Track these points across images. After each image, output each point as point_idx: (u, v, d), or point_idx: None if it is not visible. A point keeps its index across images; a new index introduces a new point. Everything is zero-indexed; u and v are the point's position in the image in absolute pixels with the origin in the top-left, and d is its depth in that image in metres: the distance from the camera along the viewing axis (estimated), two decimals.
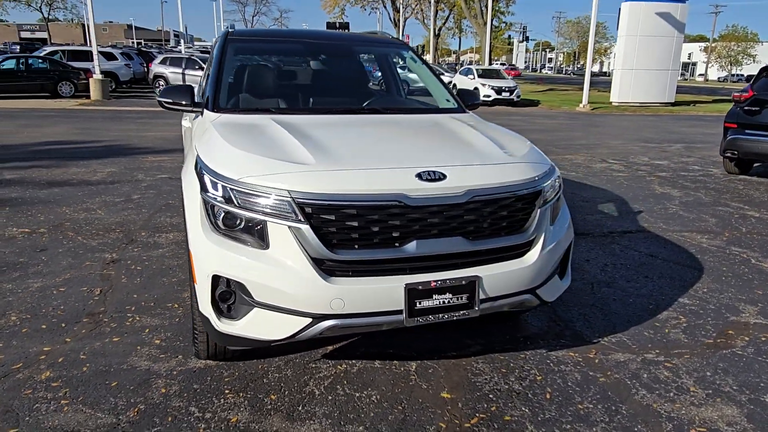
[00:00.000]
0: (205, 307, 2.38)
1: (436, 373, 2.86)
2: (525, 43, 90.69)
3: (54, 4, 57.53)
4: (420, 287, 2.31)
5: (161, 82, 22.05)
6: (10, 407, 2.49)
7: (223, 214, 2.33)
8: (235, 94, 3.44)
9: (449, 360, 2.99)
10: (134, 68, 23.81)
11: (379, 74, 4.41)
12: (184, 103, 3.27)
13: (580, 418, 2.53)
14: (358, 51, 4.19)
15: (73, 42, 55.78)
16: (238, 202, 2.29)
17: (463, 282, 2.38)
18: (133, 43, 79.19)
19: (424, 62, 4.03)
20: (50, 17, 62.41)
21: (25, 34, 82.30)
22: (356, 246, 2.28)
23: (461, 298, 2.39)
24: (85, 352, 2.96)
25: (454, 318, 2.41)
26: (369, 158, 2.49)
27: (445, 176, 2.39)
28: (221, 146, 2.57)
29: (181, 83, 21.31)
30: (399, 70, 4.47)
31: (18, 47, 41.13)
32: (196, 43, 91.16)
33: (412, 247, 2.32)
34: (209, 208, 2.37)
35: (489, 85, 21.85)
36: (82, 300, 3.60)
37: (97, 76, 19.78)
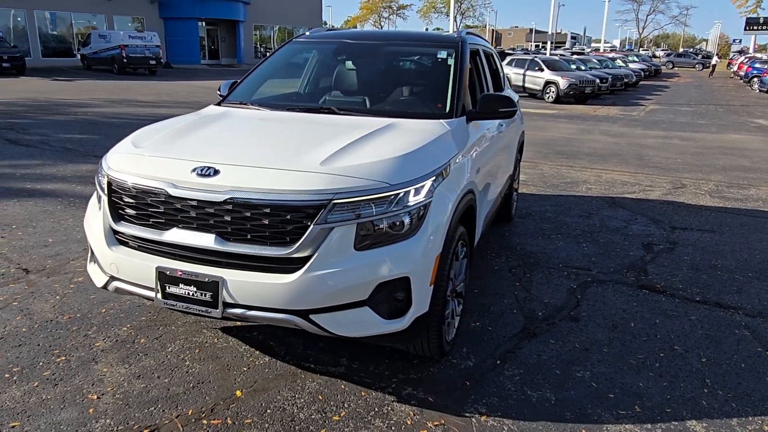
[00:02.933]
0: None
1: (264, 375, 2.84)
2: None
3: (466, 13, 66.40)
4: (168, 272, 2.44)
5: None
6: (38, 294, 3.72)
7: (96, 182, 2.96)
8: (249, 89, 3.91)
9: (298, 369, 2.89)
10: None
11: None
12: (222, 95, 3.95)
13: None
14: (394, 52, 4.02)
15: None
16: (98, 174, 2.88)
17: (206, 280, 2.38)
18: (531, 45, 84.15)
19: (458, 64, 3.60)
20: (459, 25, 72.40)
21: None
22: (135, 222, 2.58)
23: (205, 295, 2.40)
24: None
25: (199, 313, 2.43)
26: (186, 150, 2.67)
27: (217, 173, 2.41)
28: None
29: (520, 84, 22.09)
30: None
31: None
32: (592, 44, 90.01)
33: (170, 234, 2.46)
34: None
35: None
36: None
37: None
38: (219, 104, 3.74)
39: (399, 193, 2.42)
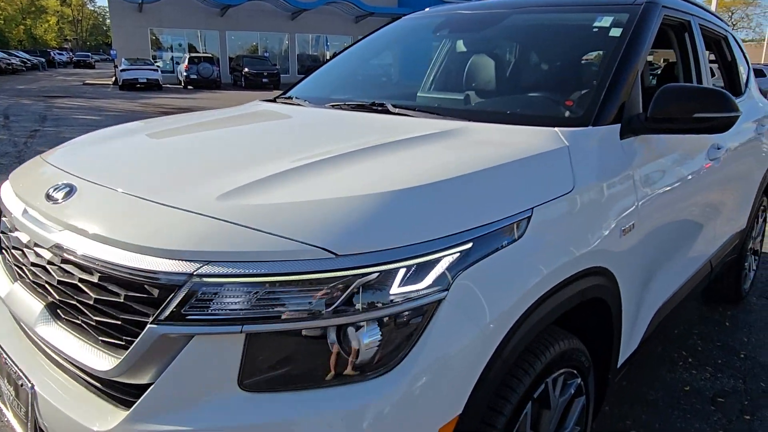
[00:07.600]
0: None
1: None
2: None
3: (738, 24, 56.97)
4: None
5: None
6: None
7: None
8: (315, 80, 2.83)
9: None
10: None
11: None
12: None
13: None
14: (528, 26, 2.42)
15: None
16: None
17: (21, 383, 1.33)
18: None
19: (629, 37, 1.94)
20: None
21: None
22: None
23: (19, 408, 1.35)
24: None
25: None
26: (78, 159, 1.69)
27: (69, 195, 1.38)
28: None
29: None
30: None
31: None
32: None
33: (13, 288, 1.50)
34: None
35: None
36: None
37: None
38: (273, 100, 2.78)
39: (358, 274, 1.08)
